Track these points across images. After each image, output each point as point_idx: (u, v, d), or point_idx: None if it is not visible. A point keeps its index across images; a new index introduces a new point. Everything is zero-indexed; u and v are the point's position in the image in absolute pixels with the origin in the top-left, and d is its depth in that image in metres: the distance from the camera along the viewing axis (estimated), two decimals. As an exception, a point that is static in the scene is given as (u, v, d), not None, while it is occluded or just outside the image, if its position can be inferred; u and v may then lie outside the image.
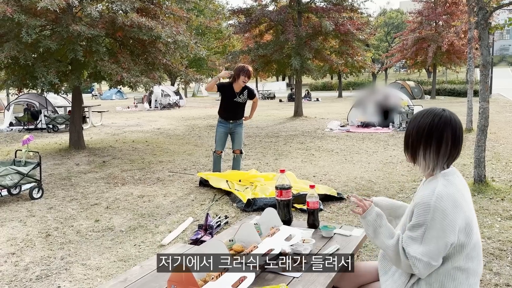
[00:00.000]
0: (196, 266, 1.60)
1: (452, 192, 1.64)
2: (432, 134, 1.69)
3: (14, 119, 14.37)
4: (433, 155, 1.70)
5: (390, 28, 55.88)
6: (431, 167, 1.71)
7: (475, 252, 1.70)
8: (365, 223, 1.80)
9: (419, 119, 1.75)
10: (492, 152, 8.02)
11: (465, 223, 1.65)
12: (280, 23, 15.52)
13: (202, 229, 4.11)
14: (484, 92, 5.54)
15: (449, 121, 1.69)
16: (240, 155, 6.13)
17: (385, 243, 1.72)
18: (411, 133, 1.76)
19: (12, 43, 7.25)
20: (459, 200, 1.64)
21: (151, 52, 8.74)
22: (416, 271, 1.64)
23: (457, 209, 1.62)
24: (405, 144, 1.81)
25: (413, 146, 1.75)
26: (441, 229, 1.59)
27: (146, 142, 10.62)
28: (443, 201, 1.60)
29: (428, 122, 1.71)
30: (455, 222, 1.60)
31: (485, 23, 5.38)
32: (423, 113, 1.76)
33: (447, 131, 1.68)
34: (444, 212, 1.59)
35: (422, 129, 1.71)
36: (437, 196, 1.61)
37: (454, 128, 1.69)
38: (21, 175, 5.46)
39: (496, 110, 16.63)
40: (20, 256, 3.76)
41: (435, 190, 1.63)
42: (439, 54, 25.69)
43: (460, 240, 1.64)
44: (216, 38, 33.27)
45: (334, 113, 18.21)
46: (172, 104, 24.34)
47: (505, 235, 3.95)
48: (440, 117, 1.70)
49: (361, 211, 1.82)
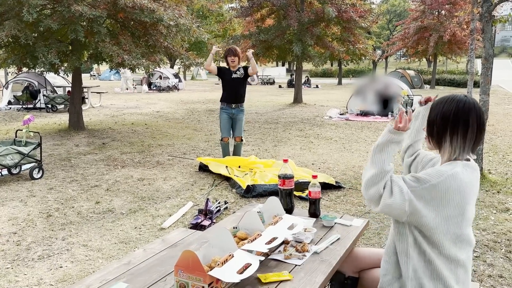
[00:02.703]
0: (202, 252, 1.64)
1: (466, 179, 1.67)
2: (458, 120, 1.70)
3: (13, 97, 14.31)
4: (460, 140, 1.71)
5: (392, 16, 55.47)
6: (457, 152, 1.72)
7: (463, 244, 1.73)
8: (388, 136, 1.75)
9: (442, 105, 1.75)
10: (490, 145, 8.08)
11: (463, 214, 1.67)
12: (283, 8, 15.39)
13: (202, 213, 4.16)
14: (485, 85, 5.56)
15: (473, 106, 1.71)
16: (241, 142, 6.18)
17: (380, 164, 1.70)
18: (435, 120, 1.76)
19: (12, 22, 7.19)
20: (467, 191, 1.67)
21: (152, 35, 8.68)
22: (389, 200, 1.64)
23: (460, 196, 1.64)
24: (428, 132, 1.80)
25: (439, 133, 1.75)
26: (436, 199, 1.63)
27: (145, 125, 10.63)
28: (454, 180, 1.64)
29: (453, 107, 1.72)
30: (447, 204, 1.64)
31: (489, 15, 5.38)
32: (446, 99, 1.77)
33: (472, 116, 1.70)
34: (447, 190, 1.63)
35: (447, 115, 1.72)
36: (453, 173, 1.65)
37: (478, 113, 1.71)
38: (21, 155, 5.48)
39: (495, 102, 16.66)
40: (22, 236, 3.80)
41: (454, 169, 1.67)
42: (440, 44, 25.59)
43: (452, 229, 1.67)
44: (217, 21, 32.95)
45: (334, 100, 18.21)
46: (171, 87, 24.25)
47: (499, 227, 4.02)
48: (464, 103, 1.71)
49: (399, 124, 1.74)
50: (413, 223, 1.70)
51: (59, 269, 3.20)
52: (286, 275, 1.69)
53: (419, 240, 1.72)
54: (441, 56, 29.81)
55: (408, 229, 1.74)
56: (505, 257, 3.41)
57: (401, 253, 1.79)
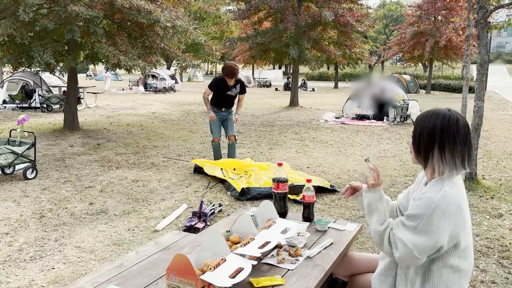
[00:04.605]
0: (194, 255, 1.64)
1: (457, 195, 1.63)
2: (444, 136, 1.65)
3: (8, 97, 14.23)
4: (448, 157, 1.66)
5: (388, 21, 55.73)
6: (447, 169, 1.66)
7: (467, 253, 1.72)
8: (367, 196, 1.80)
9: (427, 121, 1.70)
10: (484, 150, 8.12)
11: (462, 229, 1.64)
12: (280, 11, 15.43)
13: (196, 216, 4.15)
14: (480, 91, 5.59)
15: (457, 121, 1.67)
16: (235, 142, 6.22)
17: (375, 227, 1.74)
18: (422, 137, 1.70)
19: (8, 21, 7.16)
20: (462, 205, 1.63)
21: (149, 36, 8.67)
22: (397, 254, 1.64)
23: (458, 214, 1.61)
24: (415, 147, 1.75)
25: (426, 149, 1.70)
26: (436, 226, 1.59)
27: (140, 126, 10.60)
28: (447, 201, 1.60)
29: (438, 123, 1.67)
30: (451, 225, 1.60)
31: (484, 22, 5.41)
32: (430, 114, 1.71)
33: (459, 130, 1.66)
34: (444, 212, 1.59)
35: (433, 131, 1.67)
36: (442, 195, 1.60)
37: (463, 127, 1.67)
38: (15, 155, 5.45)
39: (490, 107, 16.76)
40: (14, 237, 3.78)
41: (442, 189, 1.63)
42: (436, 49, 25.75)
43: (452, 244, 1.65)
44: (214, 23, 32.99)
45: (330, 104, 18.24)
46: (168, 88, 24.22)
47: (493, 233, 4.03)
48: (449, 118, 1.67)
49: (371, 184, 1.80)
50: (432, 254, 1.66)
51: (51, 270, 3.18)
52: (278, 280, 1.69)
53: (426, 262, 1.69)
54: (437, 61, 29.98)
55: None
56: (498, 263, 3.42)
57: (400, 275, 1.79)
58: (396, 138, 9.59)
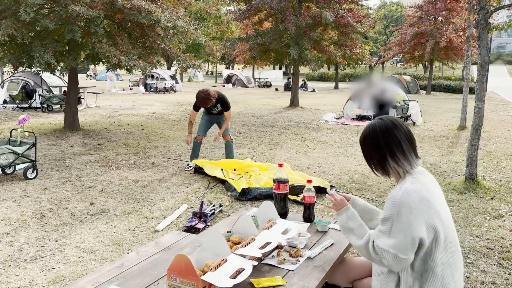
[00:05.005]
0: (195, 256, 1.64)
1: (419, 188, 1.70)
2: (389, 143, 1.78)
3: (8, 96, 14.24)
4: (401, 157, 1.77)
5: (389, 21, 55.74)
6: (406, 169, 1.78)
7: (453, 247, 1.74)
8: (337, 220, 1.91)
9: (368, 138, 1.84)
10: (484, 151, 8.11)
11: (436, 220, 1.68)
12: (280, 12, 15.43)
13: (196, 216, 4.15)
14: (480, 91, 5.59)
15: (392, 123, 1.80)
16: (231, 141, 6.29)
17: (355, 243, 1.82)
18: (371, 153, 1.84)
19: (9, 21, 7.16)
20: (426, 196, 1.69)
21: (149, 36, 8.68)
22: (385, 263, 1.70)
23: (424, 205, 1.67)
24: (371, 165, 1.87)
25: (380, 162, 1.82)
26: (407, 222, 1.64)
27: (141, 126, 10.60)
28: (408, 196, 1.67)
29: (379, 135, 1.80)
30: (421, 217, 1.65)
31: (485, 23, 5.41)
32: (367, 132, 1.85)
33: (398, 132, 1.78)
34: (409, 207, 1.65)
35: (378, 144, 1.80)
36: (403, 192, 1.68)
37: (400, 126, 1.80)
38: (16, 155, 5.45)
39: (490, 108, 16.76)
40: (15, 237, 3.78)
41: (402, 187, 1.71)
42: (436, 50, 25.74)
43: (432, 236, 1.68)
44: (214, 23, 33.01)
45: (330, 104, 18.24)
46: (168, 88, 24.23)
47: (493, 234, 4.03)
48: (384, 124, 1.80)
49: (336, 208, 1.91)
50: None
51: (51, 270, 3.18)
52: (279, 280, 1.69)
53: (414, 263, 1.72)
54: (437, 62, 29.98)
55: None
56: (498, 263, 3.42)
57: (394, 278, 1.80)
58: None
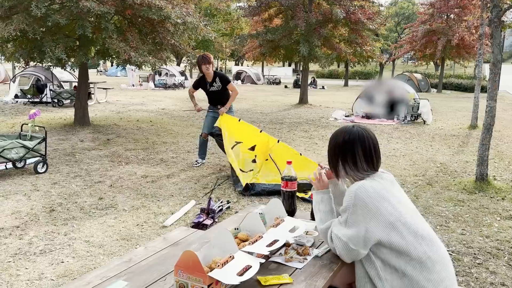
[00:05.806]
0: (202, 252, 1.64)
1: (375, 185, 1.77)
2: (345, 150, 1.87)
3: (20, 91, 14.38)
4: (352, 168, 1.86)
5: (400, 19, 55.26)
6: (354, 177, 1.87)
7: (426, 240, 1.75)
8: (313, 197, 2.04)
9: (334, 139, 1.93)
10: (496, 151, 8.02)
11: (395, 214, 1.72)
12: (290, 8, 15.37)
13: (204, 212, 4.16)
14: (492, 90, 5.52)
15: (357, 137, 1.86)
16: None
17: (318, 225, 1.94)
18: (329, 152, 1.95)
19: (21, 16, 7.22)
20: (383, 193, 1.75)
21: (159, 32, 8.70)
22: (337, 250, 1.79)
23: (379, 201, 1.73)
24: (329, 163, 1.98)
25: (334, 164, 1.93)
26: (361, 215, 1.72)
27: (150, 122, 10.65)
28: (364, 190, 1.74)
29: (341, 140, 1.89)
30: (377, 212, 1.71)
31: (498, 21, 5.34)
32: (337, 132, 1.94)
33: (357, 146, 1.85)
34: (363, 200, 1.72)
35: (337, 147, 1.91)
36: (359, 185, 1.76)
37: (363, 142, 1.86)
38: (26, 149, 5.50)
39: (502, 107, 16.55)
40: (25, 230, 3.82)
41: (360, 182, 1.81)
42: (448, 48, 25.46)
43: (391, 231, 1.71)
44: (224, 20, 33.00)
45: (339, 102, 18.16)
46: (177, 84, 24.30)
47: (503, 234, 3.99)
48: (350, 134, 1.88)
49: (316, 186, 2.01)
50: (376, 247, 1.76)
51: (60, 264, 3.21)
52: (286, 278, 1.68)
53: (387, 258, 1.74)
54: (448, 60, 29.67)
55: (373, 254, 1.77)
56: (508, 265, 3.38)
57: (375, 278, 1.78)
58: (406, 137, 9.52)
